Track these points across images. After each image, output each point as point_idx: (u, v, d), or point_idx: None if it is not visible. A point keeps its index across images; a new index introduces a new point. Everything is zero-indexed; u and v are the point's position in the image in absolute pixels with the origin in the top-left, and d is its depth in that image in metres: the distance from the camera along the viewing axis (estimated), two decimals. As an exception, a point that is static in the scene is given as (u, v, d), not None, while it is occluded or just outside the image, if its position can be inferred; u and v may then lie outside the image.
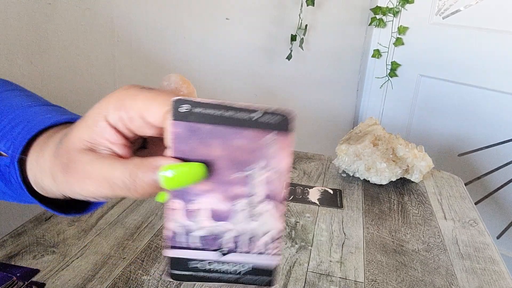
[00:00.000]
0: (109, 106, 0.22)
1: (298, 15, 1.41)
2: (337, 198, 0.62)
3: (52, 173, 0.24)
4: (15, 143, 0.26)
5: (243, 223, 0.23)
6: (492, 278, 0.46)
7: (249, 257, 0.23)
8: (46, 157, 0.24)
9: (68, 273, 0.42)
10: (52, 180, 0.24)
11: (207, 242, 0.23)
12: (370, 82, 1.56)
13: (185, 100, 0.21)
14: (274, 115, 0.21)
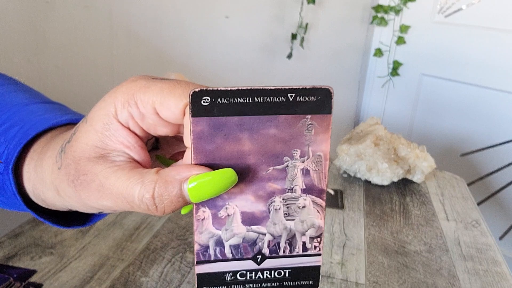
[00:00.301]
0: (117, 102, 0.19)
1: (299, 14, 1.40)
2: (338, 199, 0.62)
3: (57, 186, 0.20)
4: (10, 147, 0.23)
5: (279, 224, 0.21)
6: (495, 279, 0.46)
7: (288, 261, 0.21)
8: (47, 168, 0.21)
9: (66, 274, 0.42)
10: (56, 193, 0.21)
11: (240, 251, 0.21)
12: (372, 81, 1.56)
13: (206, 91, 0.18)
14: (310, 95, 0.19)
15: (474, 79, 1.32)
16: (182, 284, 0.41)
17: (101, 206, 0.19)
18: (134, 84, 0.19)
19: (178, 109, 0.18)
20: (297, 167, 0.20)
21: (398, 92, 1.51)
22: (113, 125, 0.19)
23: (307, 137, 0.19)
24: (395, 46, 1.46)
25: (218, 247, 0.21)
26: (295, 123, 0.19)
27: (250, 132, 0.19)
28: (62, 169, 0.20)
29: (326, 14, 1.47)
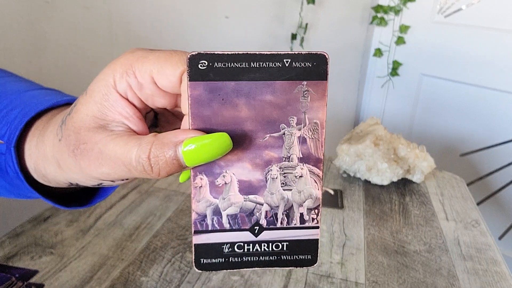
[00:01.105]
0: (116, 73, 0.19)
1: (299, 14, 1.40)
2: (337, 199, 0.62)
3: (58, 159, 0.21)
4: (11, 127, 0.23)
5: (276, 193, 0.20)
6: (494, 279, 0.46)
7: (286, 233, 0.21)
8: (48, 142, 0.22)
9: (66, 274, 0.42)
10: (57, 167, 0.21)
11: (238, 221, 0.21)
12: (371, 81, 1.56)
13: (203, 55, 0.18)
14: (306, 61, 0.19)
15: (474, 79, 1.32)
16: (182, 284, 0.41)
17: (100, 174, 0.20)
18: (132, 55, 0.19)
19: (175, 77, 0.19)
20: (293, 135, 0.20)
21: (397, 92, 1.51)
22: (112, 96, 0.19)
23: (303, 104, 0.19)
24: (394, 46, 1.46)
25: (215, 217, 0.20)
26: (291, 89, 0.19)
27: (246, 98, 0.19)
28: (62, 140, 0.20)
29: (326, 14, 1.47)
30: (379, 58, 1.50)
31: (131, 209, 0.55)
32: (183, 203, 0.57)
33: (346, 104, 1.65)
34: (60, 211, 0.53)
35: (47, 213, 0.52)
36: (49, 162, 0.22)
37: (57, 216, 0.52)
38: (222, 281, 0.42)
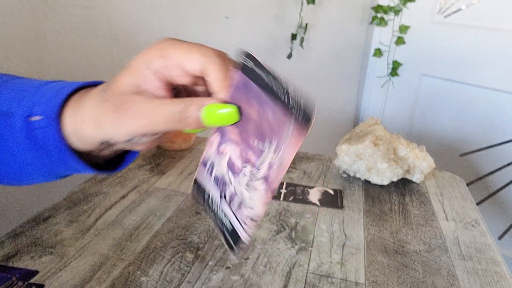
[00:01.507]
0: (151, 54, 0.25)
1: (299, 14, 1.40)
2: (337, 199, 0.62)
3: (98, 117, 0.25)
4: (50, 103, 0.27)
5: (241, 186, 0.25)
6: (494, 279, 0.46)
7: (232, 217, 0.25)
8: (89, 105, 0.26)
9: (66, 274, 0.42)
10: (96, 125, 0.26)
11: (217, 182, 0.26)
12: (371, 81, 1.56)
13: (253, 57, 0.23)
14: (302, 103, 0.21)
15: (474, 79, 1.32)
16: (182, 284, 0.41)
17: (138, 127, 0.25)
18: (167, 42, 0.25)
19: (199, 63, 0.24)
20: (267, 157, 0.23)
21: (397, 92, 1.51)
22: (145, 71, 0.25)
23: (285, 135, 0.22)
24: (394, 46, 1.46)
25: (210, 168, 0.27)
26: (285, 119, 0.22)
27: (259, 104, 0.23)
28: (106, 102, 0.25)
29: (325, 15, 1.47)
30: (379, 58, 1.50)
31: (131, 209, 0.55)
32: (183, 203, 0.57)
33: (346, 104, 1.65)
34: (59, 211, 0.53)
35: (47, 213, 0.52)
36: (88, 122, 0.26)
37: (57, 216, 0.52)
38: (222, 281, 0.42)
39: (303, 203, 0.60)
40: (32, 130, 0.28)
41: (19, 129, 0.28)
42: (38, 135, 0.28)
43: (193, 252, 0.47)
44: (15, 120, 0.28)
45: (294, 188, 0.64)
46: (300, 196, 0.61)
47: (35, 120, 0.28)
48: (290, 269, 0.45)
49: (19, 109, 0.28)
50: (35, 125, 0.28)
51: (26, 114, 0.28)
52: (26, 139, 0.28)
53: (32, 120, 0.28)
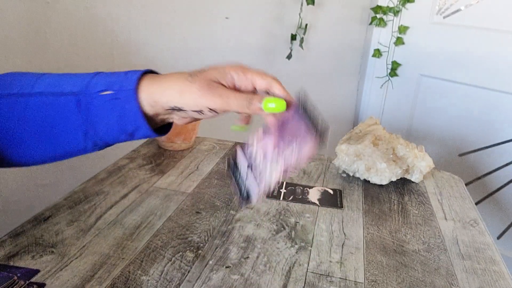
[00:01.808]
0: (234, 68, 0.37)
1: (298, 14, 1.41)
2: (337, 198, 0.62)
3: (183, 89, 0.36)
4: (127, 80, 0.37)
5: (267, 162, 0.38)
6: (493, 278, 0.46)
7: (252, 183, 0.38)
8: (175, 80, 0.37)
9: (66, 273, 0.42)
10: (179, 94, 0.36)
11: (248, 158, 0.40)
12: (371, 81, 1.56)
13: (305, 92, 0.37)
14: (322, 130, 0.35)
15: (472, 80, 1.32)
16: (182, 283, 0.42)
17: (215, 103, 0.36)
18: (243, 65, 0.38)
19: (264, 84, 0.38)
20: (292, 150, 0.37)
21: (396, 92, 1.51)
22: (228, 75, 0.37)
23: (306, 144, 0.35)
24: (393, 47, 1.47)
25: (249, 149, 0.40)
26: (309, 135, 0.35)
27: (298, 120, 0.36)
28: (193, 82, 0.36)
29: (325, 15, 1.47)
30: (378, 58, 1.50)
31: (132, 208, 0.55)
32: (183, 203, 0.57)
33: (345, 104, 1.65)
34: (60, 211, 0.53)
35: (48, 213, 0.52)
36: (168, 92, 0.36)
37: (58, 215, 0.52)
38: (222, 280, 0.42)
39: (303, 202, 0.60)
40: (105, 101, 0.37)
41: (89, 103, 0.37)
42: (111, 103, 0.37)
43: (194, 251, 0.47)
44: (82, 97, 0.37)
45: (294, 188, 0.64)
46: (299, 196, 0.62)
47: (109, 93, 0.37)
48: (290, 268, 0.45)
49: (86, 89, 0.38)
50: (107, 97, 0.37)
51: (98, 90, 0.37)
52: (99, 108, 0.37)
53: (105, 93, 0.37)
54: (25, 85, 0.39)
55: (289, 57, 1.44)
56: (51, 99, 0.38)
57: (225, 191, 0.61)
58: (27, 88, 0.39)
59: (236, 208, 0.57)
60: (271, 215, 0.56)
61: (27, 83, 0.39)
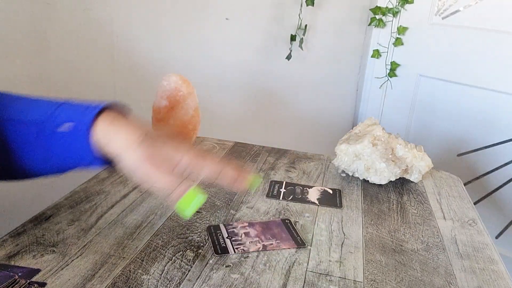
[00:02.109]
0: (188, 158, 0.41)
1: (298, 15, 1.41)
2: (336, 198, 0.62)
3: (127, 148, 0.38)
4: (85, 116, 0.39)
5: (246, 239, 0.50)
6: (491, 277, 0.47)
7: (229, 246, 0.48)
8: (126, 135, 0.38)
9: (67, 272, 0.42)
10: (121, 149, 0.38)
11: (231, 232, 0.51)
12: (370, 82, 1.56)
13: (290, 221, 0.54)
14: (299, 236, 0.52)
15: (471, 80, 1.33)
16: (183, 282, 0.42)
17: (139, 174, 0.39)
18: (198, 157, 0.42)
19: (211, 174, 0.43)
20: (271, 243, 0.50)
21: (395, 92, 1.52)
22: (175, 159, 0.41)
23: (285, 243, 0.50)
24: (393, 48, 1.47)
25: (232, 228, 0.52)
26: (288, 238, 0.51)
27: (281, 228, 0.52)
28: (140, 149, 0.38)
29: (324, 16, 1.48)
30: (377, 59, 1.51)
31: (132, 208, 0.55)
32: (183, 203, 0.57)
33: (344, 105, 1.65)
34: (61, 210, 0.53)
35: (49, 213, 0.53)
36: (114, 144, 0.38)
37: (59, 215, 0.52)
38: (222, 279, 0.43)
39: (303, 202, 0.60)
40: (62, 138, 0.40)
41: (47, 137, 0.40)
42: (67, 140, 0.39)
43: (194, 250, 0.47)
44: (43, 129, 0.40)
45: (294, 187, 0.64)
46: (299, 196, 0.62)
47: (66, 127, 0.39)
48: (289, 267, 0.45)
49: (47, 120, 0.40)
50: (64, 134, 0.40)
51: (56, 125, 0.40)
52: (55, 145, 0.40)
53: (63, 128, 0.39)
54: None
55: (289, 57, 1.44)
56: (16, 126, 0.41)
57: (225, 190, 0.62)
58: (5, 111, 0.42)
59: (236, 208, 0.57)
60: (270, 214, 0.56)
61: (5, 104, 0.43)
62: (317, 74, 1.55)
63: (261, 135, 1.54)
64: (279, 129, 1.58)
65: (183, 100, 0.72)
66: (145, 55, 1.19)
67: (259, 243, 0.48)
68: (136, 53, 1.16)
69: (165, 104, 0.72)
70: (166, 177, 0.38)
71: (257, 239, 0.49)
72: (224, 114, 1.44)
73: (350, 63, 1.59)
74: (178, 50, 1.26)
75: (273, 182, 0.66)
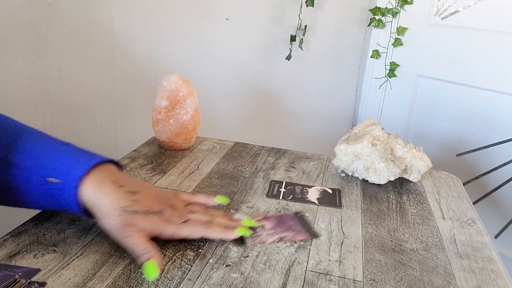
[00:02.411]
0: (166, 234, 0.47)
1: (298, 16, 1.41)
2: (336, 198, 0.63)
3: (108, 214, 0.43)
4: (72, 172, 0.43)
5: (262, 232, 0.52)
6: (490, 277, 0.47)
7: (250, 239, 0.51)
8: (108, 202, 0.43)
9: (68, 272, 0.42)
10: (101, 214, 0.44)
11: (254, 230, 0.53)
12: (369, 82, 1.57)
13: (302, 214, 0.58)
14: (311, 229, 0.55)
15: (470, 80, 1.33)
16: (183, 281, 0.42)
17: (117, 238, 0.45)
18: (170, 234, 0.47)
19: None
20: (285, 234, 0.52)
21: (395, 93, 1.52)
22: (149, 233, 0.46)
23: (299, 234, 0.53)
24: (392, 48, 1.47)
25: None
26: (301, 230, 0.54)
27: (293, 221, 0.56)
28: (119, 218, 0.44)
29: (324, 16, 1.48)
30: (377, 59, 1.51)
31: (132, 208, 0.55)
32: (183, 202, 0.57)
33: (344, 105, 1.66)
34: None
35: (49, 212, 0.53)
36: (96, 209, 0.44)
37: (59, 215, 0.52)
38: (222, 279, 0.43)
39: (302, 202, 0.60)
40: (50, 188, 0.43)
41: (37, 183, 0.43)
42: (55, 192, 0.43)
43: (194, 250, 0.47)
44: (32, 175, 0.43)
45: (293, 187, 0.65)
46: (299, 196, 0.62)
47: (53, 182, 0.43)
48: (289, 267, 0.46)
49: (37, 168, 0.43)
50: (52, 185, 0.43)
51: (45, 175, 0.43)
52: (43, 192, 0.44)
53: (50, 181, 0.43)
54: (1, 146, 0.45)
55: (289, 58, 1.44)
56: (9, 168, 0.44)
57: (225, 190, 0.62)
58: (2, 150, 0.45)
59: (236, 208, 0.57)
60: (270, 214, 0.56)
61: (4, 143, 0.45)
62: (317, 74, 1.55)
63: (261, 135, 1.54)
64: (279, 129, 1.58)
65: (183, 100, 0.72)
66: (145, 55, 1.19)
67: (276, 234, 0.51)
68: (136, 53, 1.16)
69: (165, 104, 0.72)
70: (139, 245, 0.42)
71: (274, 231, 0.51)
72: (224, 114, 1.45)
73: (349, 63, 1.59)
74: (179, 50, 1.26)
75: (273, 182, 0.66)
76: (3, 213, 0.91)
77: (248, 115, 1.51)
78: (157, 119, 0.74)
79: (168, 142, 0.75)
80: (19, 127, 0.48)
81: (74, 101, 1.05)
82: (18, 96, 0.96)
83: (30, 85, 0.97)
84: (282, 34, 1.42)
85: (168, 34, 1.22)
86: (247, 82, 1.46)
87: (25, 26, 0.89)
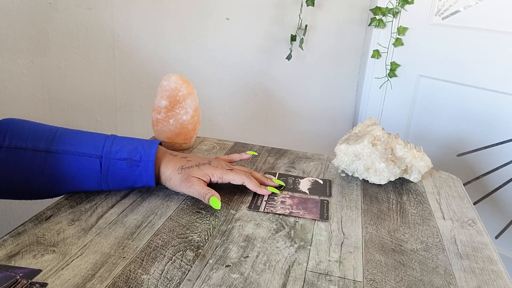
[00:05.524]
0: (216, 171, 0.57)
1: (298, 15, 1.41)
2: (326, 188, 0.64)
3: (171, 176, 0.56)
4: (145, 151, 0.54)
5: (277, 201, 0.59)
6: (491, 277, 0.47)
7: (264, 202, 0.59)
8: (169, 167, 0.56)
9: (68, 272, 0.42)
10: (167, 178, 0.56)
11: (266, 199, 0.60)
12: (370, 82, 1.57)
13: None
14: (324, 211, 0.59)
15: (471, 80, 1.33)
16: (183, 282, 0.42)
17: (183, 189, 0.56)
18: (222, 169, 0.58)
19: (241, 181, 0.58)
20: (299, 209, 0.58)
21: (395, 93, 1.52)
22: (208, 176, 0.57)
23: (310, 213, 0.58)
24: (392, 48, 1.47)
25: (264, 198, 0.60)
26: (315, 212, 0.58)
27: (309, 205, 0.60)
28: (180, 174, 0.55)
29: (325, 16, 1.48)
30: (377, 59, 1.51)
31: (132, 208, 0.55)
32: (183, 202, 0.57)
33: (344, 105, 1.66)
34: (61, 210, 0.53)
35: (49, 212, 0.53)
36: (162, 175, 0.56)
37: (59, 215, 0.52)
38: (222, 279, 0.43)
39: (293, 192, 0.63)
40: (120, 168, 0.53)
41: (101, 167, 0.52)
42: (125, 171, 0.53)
43: (194, 250, 0.47)
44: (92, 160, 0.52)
45: (286, 178, 0.66)
46: (291, 186, 0.64)
47: (129, 160, 0.53)
48: (289, 267, 0.46)
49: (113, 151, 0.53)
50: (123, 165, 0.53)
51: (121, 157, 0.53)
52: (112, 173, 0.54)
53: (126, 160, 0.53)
54: (40, 140, 0.50)
55: (289, 57, 1.44)
56: (75, 158, 0.51)
57: (225, 190, 0.62)
58: (45, 143, 0.50)
59: (236, 208, 0.57)
60: (270, 214, 0.56)
61: (43, 137, 0.51)
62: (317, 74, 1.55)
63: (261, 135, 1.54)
64: (279, 129, 1.58)
65: (183, 100, 0.72)
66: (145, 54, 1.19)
67: (287, 209, 0.56)
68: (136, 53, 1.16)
69: (165, 104, 0.72)
70: (201, 190, 0.53)
71: (289, 207, 0.57)
72: (224, 114, 1.45)
73: (350, 63, 1.59)
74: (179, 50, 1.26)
75: (266, 173, 0.68)
76: (3, 213, 0.91)
77: (248, 115, 1.50)
78: (157, 119, 0.74)
79: (168, 142, 0.75)
80: (50, 126, 0.54)
81: (74, 100, 1.05)
82: (19, 94, 0.96)
83: (30, 83, 0.97)
84: (282, 34, 1.42)
85: (168, 33, 1.22)
86: (247, 82, 1.46)
87: (26, 25, 0.89)
